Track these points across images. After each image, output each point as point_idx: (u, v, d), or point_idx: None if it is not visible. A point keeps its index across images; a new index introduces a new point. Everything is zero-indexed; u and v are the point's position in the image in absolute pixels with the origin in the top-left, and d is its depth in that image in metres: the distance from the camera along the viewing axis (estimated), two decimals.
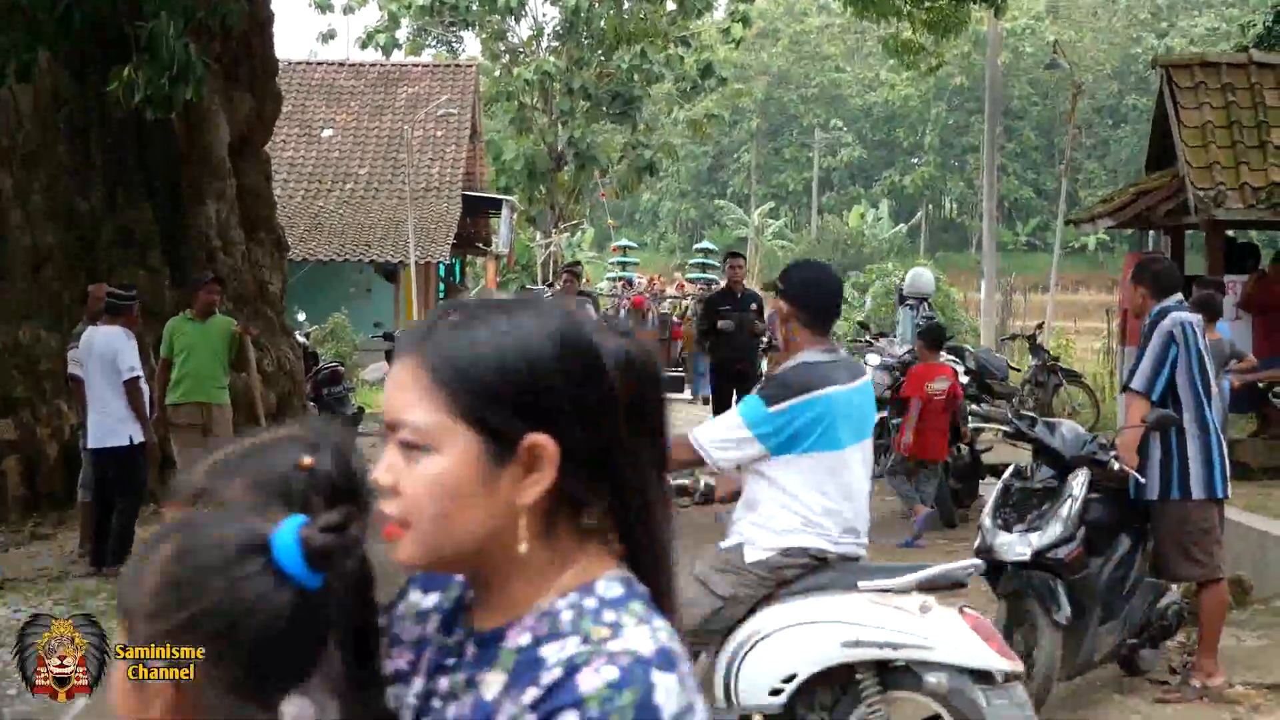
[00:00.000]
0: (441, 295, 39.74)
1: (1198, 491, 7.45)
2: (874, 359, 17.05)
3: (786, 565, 5.52)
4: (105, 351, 11.19)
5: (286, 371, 16.15)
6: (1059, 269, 37.11)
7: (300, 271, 29.29)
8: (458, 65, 43.53)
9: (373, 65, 42.70)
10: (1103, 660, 7.51)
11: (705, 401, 26.92)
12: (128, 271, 14.09)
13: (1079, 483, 7.22)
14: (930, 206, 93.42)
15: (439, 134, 38.69)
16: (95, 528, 11.34)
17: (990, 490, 8.06)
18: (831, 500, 5.51)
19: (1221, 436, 7.61)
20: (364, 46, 45.93)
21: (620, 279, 34.68)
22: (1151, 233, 17.43)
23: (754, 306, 16.20)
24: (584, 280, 20.61)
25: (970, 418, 13.23)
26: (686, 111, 53.63)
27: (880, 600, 5.37)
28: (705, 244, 46.49)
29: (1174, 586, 7.78)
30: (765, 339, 16.29)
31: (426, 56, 47.75)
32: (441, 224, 35.89)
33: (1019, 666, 5.35)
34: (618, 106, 46.63)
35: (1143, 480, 7.40)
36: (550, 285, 26.08)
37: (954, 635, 5.30)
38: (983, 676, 5.29)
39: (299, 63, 40.43)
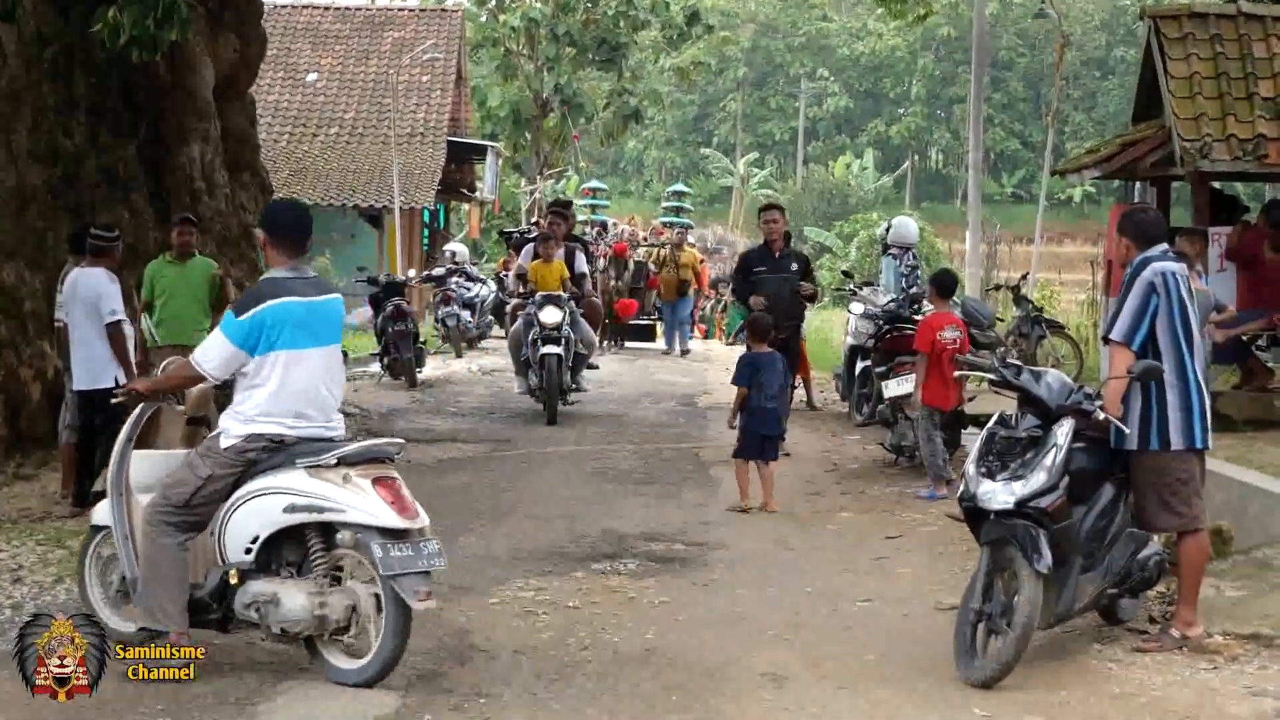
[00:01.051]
0: (426, 241, 39.64)
1: (1177, 442, 7.44)
2: (857, 308, 16.94)
3: (249, 449, 6.77)
4: (88, 295, 11.16)
5: None
6: (1044, 221, 37.12)
7: None
8: (444, 10, 43.29)
9: (358, 9, 42.47)
10: (1083, 609, 7.54)
11: (684, 353, 26.80)
12: (111, 212, 14.01)
13: (1063, 432, 7.22)
14: (916, 157, 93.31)
15: (424, 79, 38.53)
16: (78, 469, 11.33)
17: (973, 440, 8.06)
18: (289, 393, 6.79)
19: (1204, 387, 7.60)
20: None
21: (593, 223, 32.91)
22: (1138, 184, 17.39)
23: (795, 267, 14.39)
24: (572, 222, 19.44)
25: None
26: (673, 59, 53.38)
27: (314, 474, 6.65)
28: (678, 186, 44.27)
29: (1156, 537, 7.79)
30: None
31: (412, 1, 47.45)
32: (426, 170, 35.80)
33: (416, 524, 6.58)
34: (603, 53, 46.42)
35: (1127, 430, 7.41)
36: (535, 225, 25.45)
37: (362, 500, 6.54)
38: (398, 533, 6.51)
39: (284, 6, 40.17)
